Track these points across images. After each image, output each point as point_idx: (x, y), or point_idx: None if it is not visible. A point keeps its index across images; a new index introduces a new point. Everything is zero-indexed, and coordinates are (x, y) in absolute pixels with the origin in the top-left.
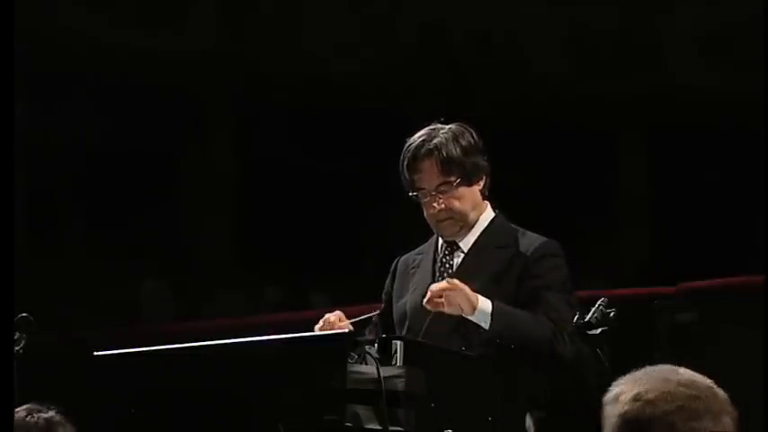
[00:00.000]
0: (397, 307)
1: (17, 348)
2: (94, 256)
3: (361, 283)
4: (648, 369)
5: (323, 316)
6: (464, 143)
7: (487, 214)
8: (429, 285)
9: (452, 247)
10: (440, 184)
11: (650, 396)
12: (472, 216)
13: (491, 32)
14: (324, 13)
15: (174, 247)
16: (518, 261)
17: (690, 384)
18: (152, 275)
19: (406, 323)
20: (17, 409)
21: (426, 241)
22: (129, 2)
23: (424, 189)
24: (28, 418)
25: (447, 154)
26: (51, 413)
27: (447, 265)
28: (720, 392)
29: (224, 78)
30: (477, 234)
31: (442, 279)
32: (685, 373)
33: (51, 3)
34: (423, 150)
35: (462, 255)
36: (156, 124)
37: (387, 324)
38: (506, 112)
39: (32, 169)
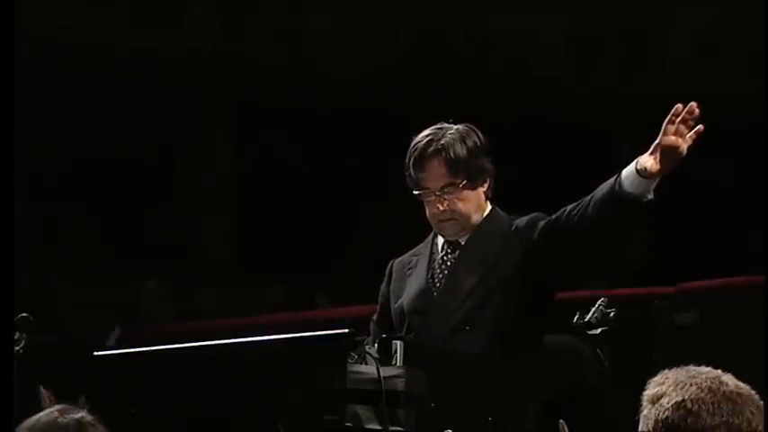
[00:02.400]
0: (395, 308)
1: (17, 348)
2: (94, 256)
3: (361, 283)
4: (692, 372)
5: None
6: (471, 144)
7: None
8: (424, 285)
9: (455, 246)
10: (445, 185)
11: (695, 407)
12: (475, 218)
13: (490, 32)
14: (323, 13)
15: (174, 247)
16: (513, 240)
17: (735, 398)
18: (152, 275)
19: (405, 324)
20: (50, 410)
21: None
22: (128, 2)
23: (428, 189)
24: (59, 419)
25: (454, 154)
26: (83, 413)
27: (447, 264)
28: (760, 404)
29: (223, 79)
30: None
31: (440, 278)
32: (730, 382)
33: (51, 3)
34: (430, 149)
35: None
36: (156, 124)
37: (384, 326)
38: (506, 112)
39: (32, 169)
